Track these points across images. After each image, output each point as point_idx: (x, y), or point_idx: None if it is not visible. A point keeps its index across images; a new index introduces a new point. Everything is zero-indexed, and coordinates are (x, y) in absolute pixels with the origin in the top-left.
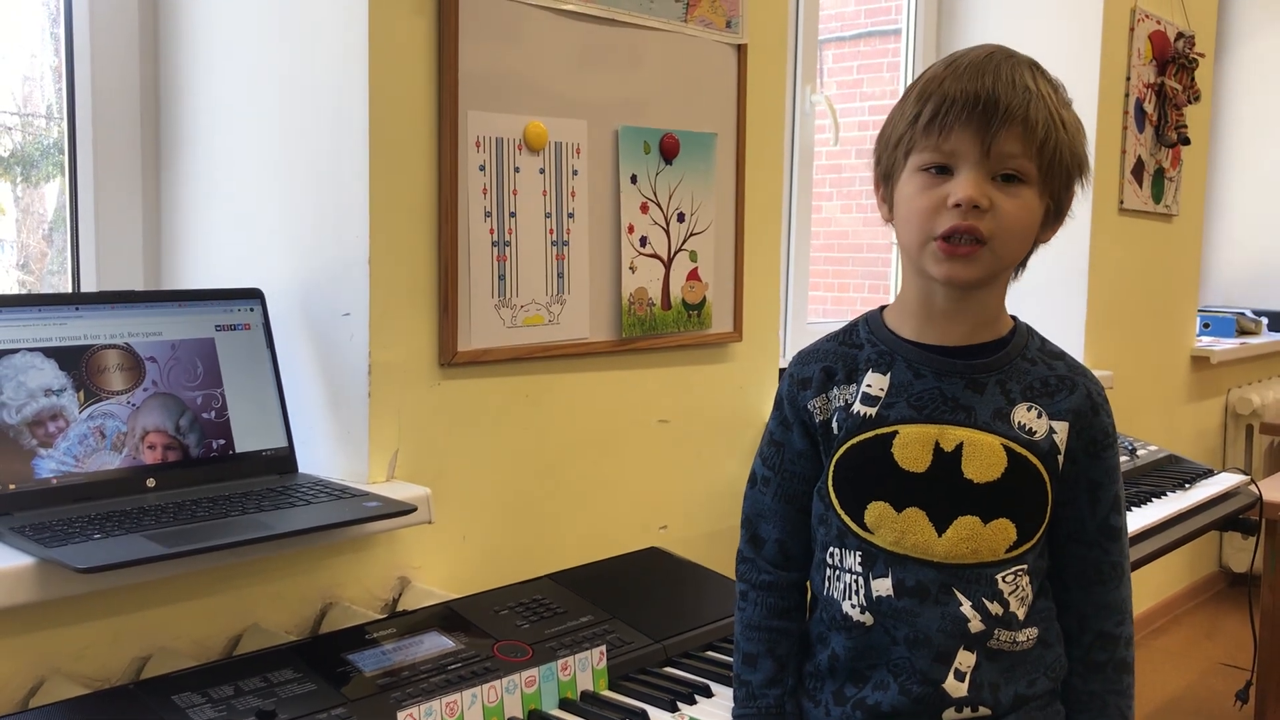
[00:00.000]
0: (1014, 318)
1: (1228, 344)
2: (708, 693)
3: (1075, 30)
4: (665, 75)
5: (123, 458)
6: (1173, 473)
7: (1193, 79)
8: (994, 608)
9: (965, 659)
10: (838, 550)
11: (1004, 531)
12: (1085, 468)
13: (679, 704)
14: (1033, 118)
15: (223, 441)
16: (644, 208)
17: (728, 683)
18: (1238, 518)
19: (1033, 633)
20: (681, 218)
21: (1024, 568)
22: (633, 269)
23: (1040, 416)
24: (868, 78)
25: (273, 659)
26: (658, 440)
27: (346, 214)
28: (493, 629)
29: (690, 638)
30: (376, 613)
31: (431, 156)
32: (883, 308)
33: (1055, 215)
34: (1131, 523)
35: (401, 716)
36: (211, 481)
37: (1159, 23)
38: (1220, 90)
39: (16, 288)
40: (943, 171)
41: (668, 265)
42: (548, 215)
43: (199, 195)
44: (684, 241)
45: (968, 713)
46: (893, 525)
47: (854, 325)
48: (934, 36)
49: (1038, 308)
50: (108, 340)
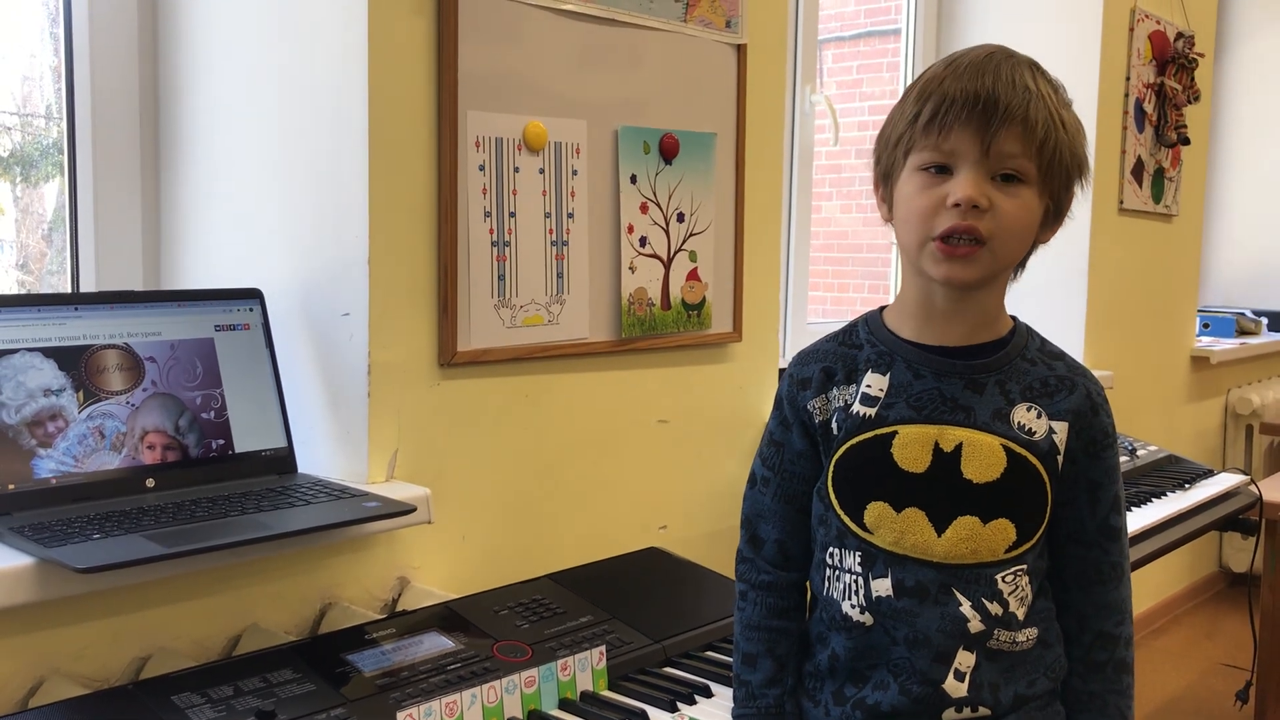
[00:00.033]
0: (1014, 318)
1: (1227, 344)
2: (707, 693)
3: (1075, 30)
4: (665, 75)
5: (122, 458)
6: (1173, 473)
7: (1192, 79)
8: (993, 608)
9: (965, 659)
10: (837, 550)
11: (1003, 532)
12: (1085, 468)
13: (679, 704)
14: (1032, 118)
15: (222, 441)
16: (644, 208)
17: (727, 683)
18: (1237, 518)
19: (1032, 633)
20: (681, 218)
21: (1023, 568)
22: (632, 269)
23: (1040, 417)
24: (867, 78)
25: (272, 659)
26: (657, 440)
27: (346, 214)
28: (492, 629)
29: (690, 638)
30: (376, 613)
31: (431, 156)
32: (882, 308)
33: (1055, 216)
34: (1131, 523)
35: (401, 717)
36: (211, 481)
37: (1159, 23)
38: (1220, 90)
39: (16, 288)
40: (942, 171)
41: (667, 265)
42: (547, 215)
43: (198, 195)
44: (683, 241)
45: (967, 713)
46: (892, 525)
47: (853, 325)
48: (934, 37)
49: (1037, 308)
50: (107, 340)
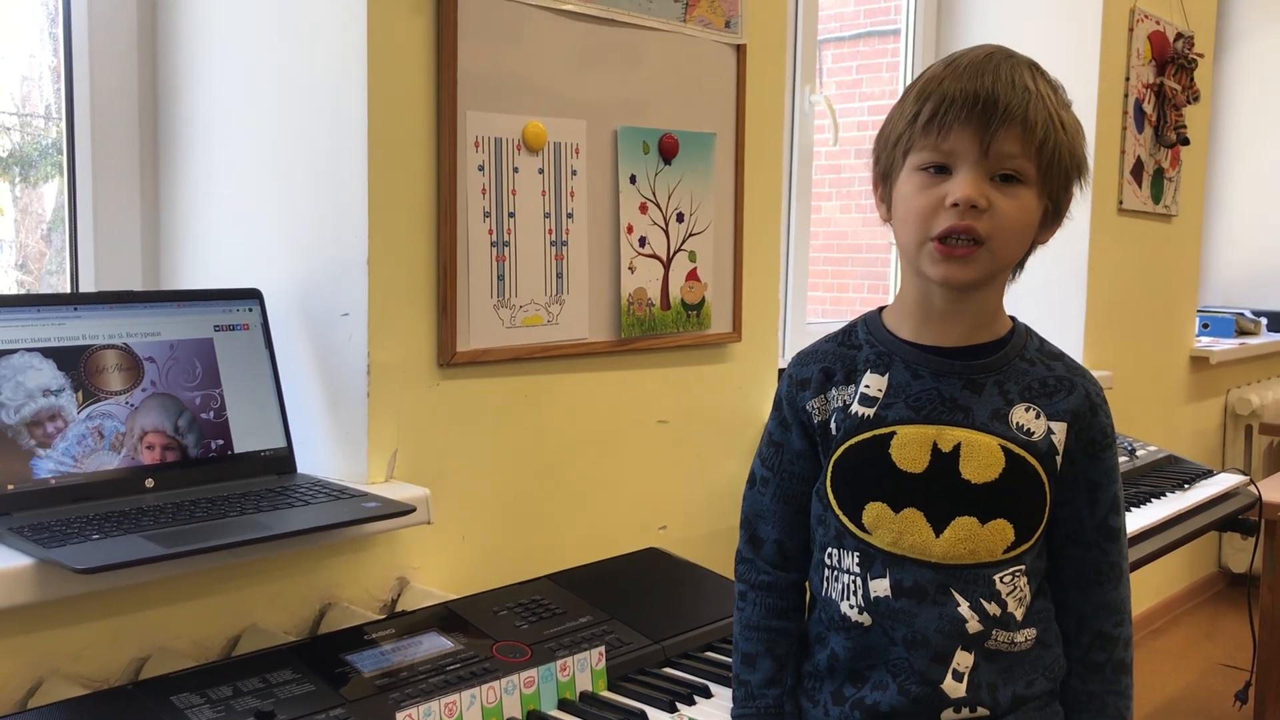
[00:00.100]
0: (1013, 318)
1: (1227, 344)
2: (707, 693)
3: (1074, 30)
4: (664, 75)
5: (121, 458)
6: (1172, 473)
7: (1192, 79)
8: (992, 608)
9: (963, 659)
10: (836, 551)
11: (1002, 532)
12: (1084, 468)
13: (678, 704)
14: (1032, 118)
15: (221, 442)
16: (643, 208)
17: (727, 683)
18: (1237, 518)
19: (1031, 633)
20: (680, 218)
21: (1022, 568)
22: (632, 269)
23: (1038, 417)
24: (867, 78)
25: (271, 659)
26: (657, 441)
27: (345, 214)
28: (492, 629)
29: (689, 638)
30: (375, 613)
31: (430, 157)
32: (881, 308)
33: (1054, 216)
34: (1131, 523)
35: (400, 717)
36: (210, 482)
37: (1158, 23)
38: (1219, 91)
39: (15, 288)
40: (941, 171)
41: (667, 265)
42: (547, 215)
43: (197, 195)
44: (683, 242)
45: (966, 713)
46: (890, 526)
47: (853, 326)
48: (933, 37)
49: (1037, 308)
50: (106, 340)
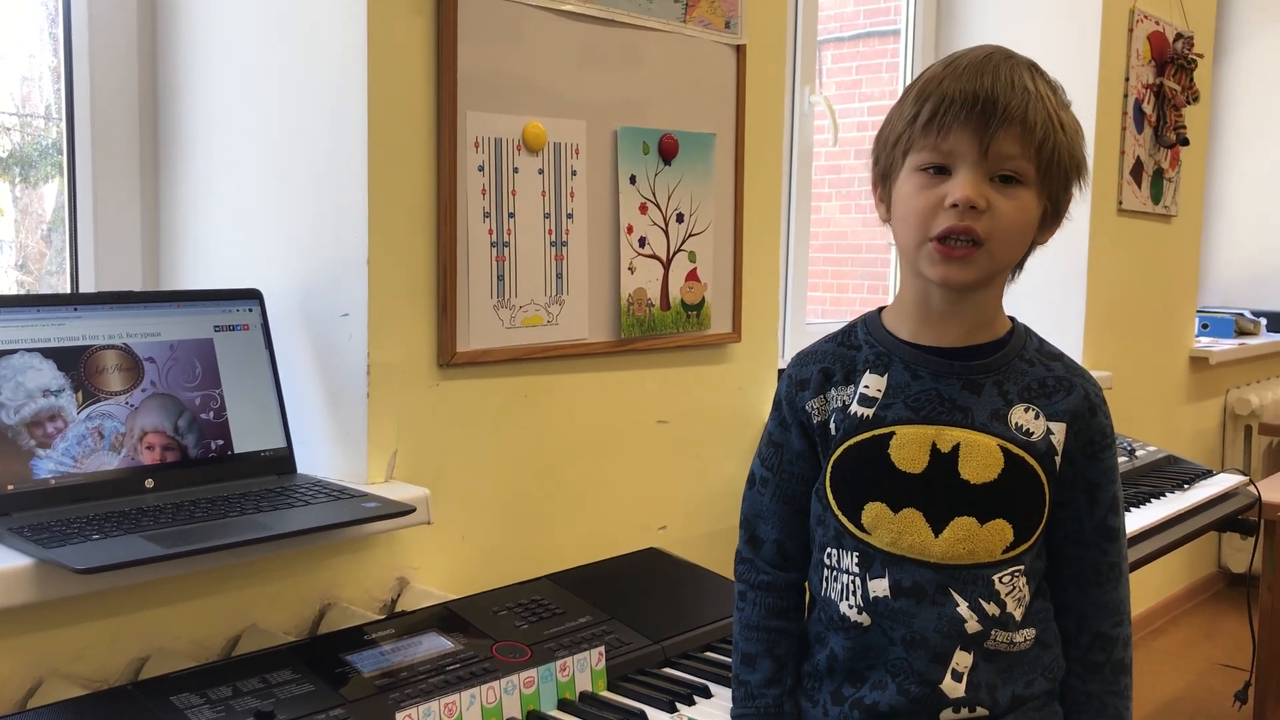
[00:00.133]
0: (1012, 319)
1: (1226, 345)
2: (706, 693)
3: (1074, 31)
4: (664, 76)
5: (121, 458)
6: (1172, 473)
7: (1191, 80)
8: (991, 608)
9: (962, 659)
10: (835, 551)
11: (1001, 532)
12: (1083, 469)
13: (678, 705)
14: (1031, 119)
15: (221, 442)
16: (643, 208)
17: (726, 683)
18: (1236, 518)
19: (1030, 633)
20: (680, 218)
21: (1021, 568)
22: (631, 269)
23: (1038, 418)
24: (866, 78)
25: (271, 660)
26: (657, 441)
27: (345, 214)
28: (491, 630)
29: (689, 638)
30: (375, 613)
31: (430, 157)
32: (881, 309)
33: (1053, 217)
34: (1130, 523)
35: (400, 717)
36: (210, 482)
37: (1158, 23)
38: (1219, 91)
39: (15, 288)
40: (941, 172)
41: (666, 266)
42: (546, 216)
43: (197, 195)
44: (683, 242)
45: (965, 713)
46: (889, 526)
47: (852, 326)
48: (933, 37)
49: (1036, 308)
50: (106, 341)
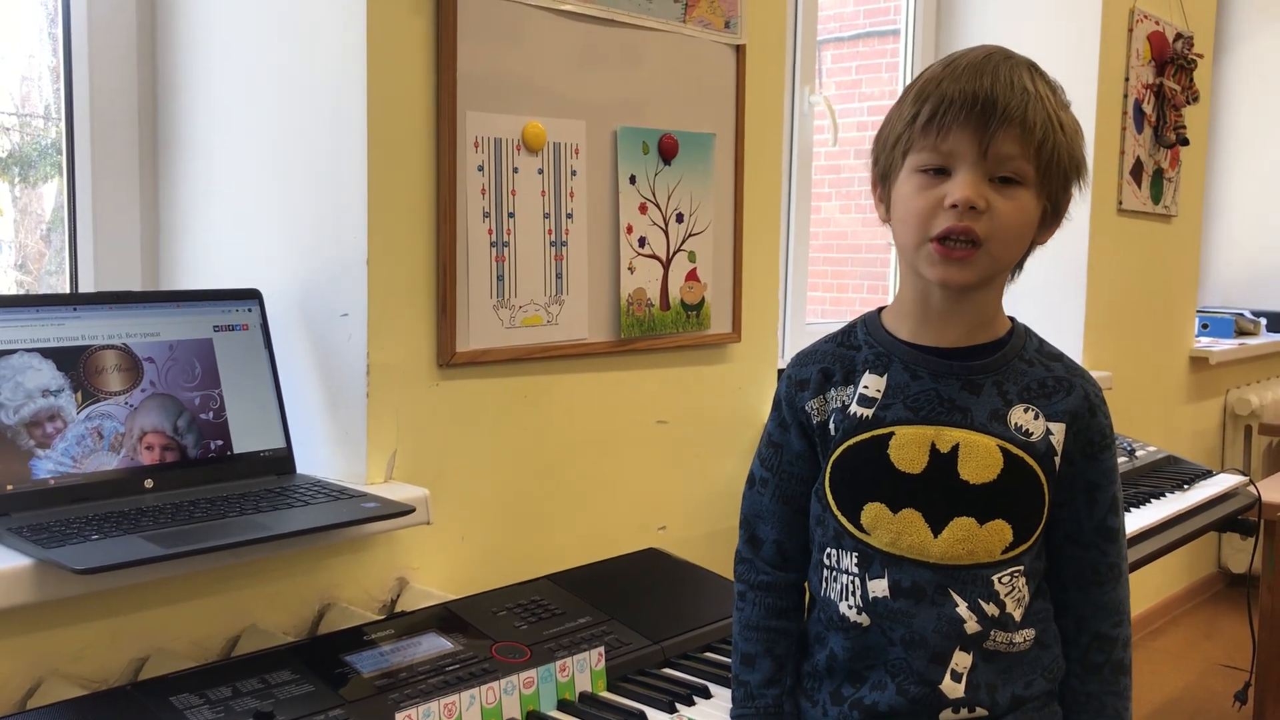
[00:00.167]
0: (1012, 319)
1: (1226, 345)
2: (706, 694)
3: (1074, 31)
4: (664, 76)
5: (120, 458)
6: (1171, 473)
7: (1191, 80)
8: (990, 609)
9: (961, 660)
10: (835, 551)
11: (1000, 533)
12: (1082, 469)
13: (677, 705)
14: (1031, 119)
15: (220, 442)
16: (643, 208)
17: (726, 684)
18: (1236, 518)
19: (1029, 634)
20: (680, 218)
21: (1020, 569)
22: (631, 270)
23: (1037, 418)
24: (866, 78)
25: (271, 660)
26: (656, 441)
27: (345, 214)
28: (491, 630)
29: (689, 639)
30: (374, 614)
31: (430, 157)
32: (881, 309)
33: (1052, 217)
34: (1130, 523)
35: (399, 718)
36: (209, 482)
37: (1158, 23)
38: (1219, 91)
39: (14, 288)
40: (940, 173)
41: (666, 266)
42: (546, 216)
43: (197, 195)
44: (683, 242)
45: (965, 713)
46: (889, 526)
47: (852, 327)
48: (933, 37)
49: (1036, 309)
50: (105, 341)
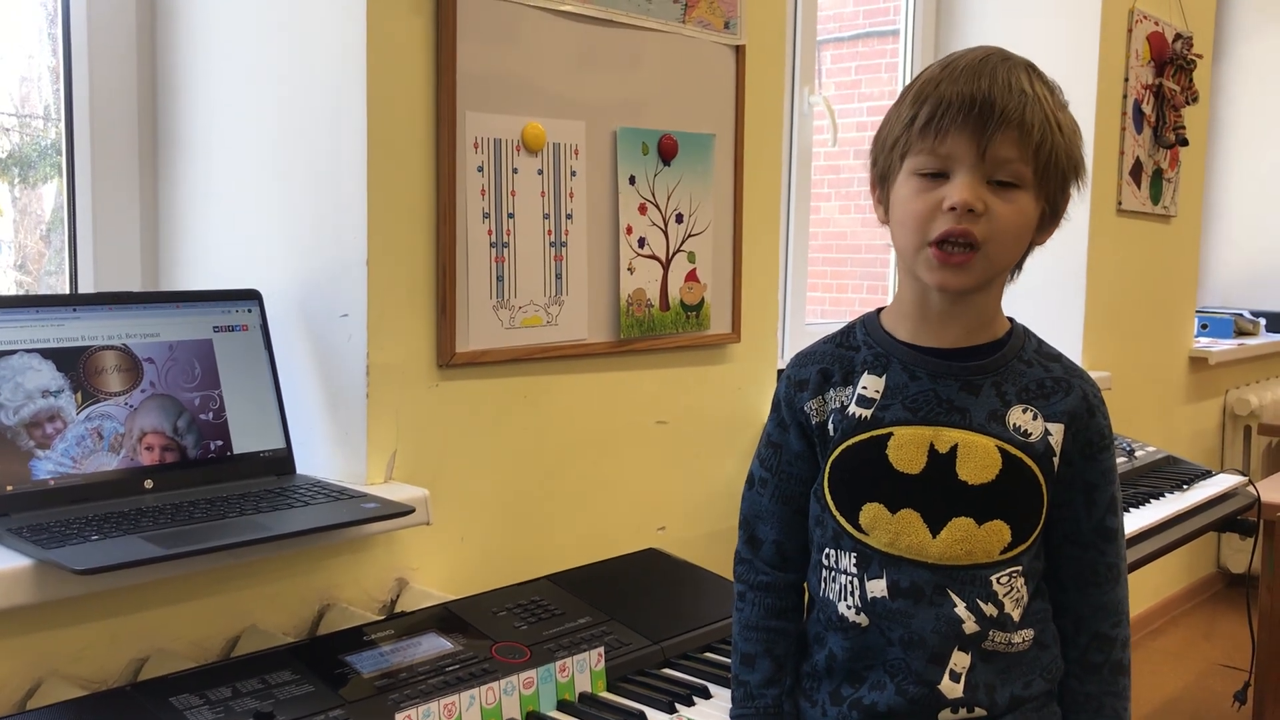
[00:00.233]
0: (1011, 319)
1: (1226, 345)
2: (706, 694)
3: (1073, 31)
4: (663, 76)
5: (120, 459)
6: (1171, 474)
7: (1191, 80)
8: (988, 609)
9: (960, 660)
10: (833, 551)
11: (998, 533)
12: (1081, 469)
13: (677, 705)
14: (1029, 121)
15: (220, 443)
16: (642, 209)
17: (726, 684)
18: (1236, 518)
19: (1028, 634)
20: (680, 219)
21: (1019, 569)
22: (631, 270)
23: (1035, 418)
24: (866, 78)
25: (271, 660)
26: (656, 441)
27: (344, 215)
28: (491, 630)
29: (688, 639)
30: (374, 614)
31: (429, 157)
32: (880, 310)
33: (1051, 217)
34: (1130, 524)
35: (399, 718)
36: (209, 483)
37: (1157, 24)
38: (1218, 92)
39: (14, 288)
40: (938, 176)
41: (666, 266)
42: (546, 216)
43: (197, 196)
44: (682, 242)
45: (963, 713)
46: (887, 527)
47: (851, 327)
48: (932, 37)
49: (1035, 309)
50: (105, 341)
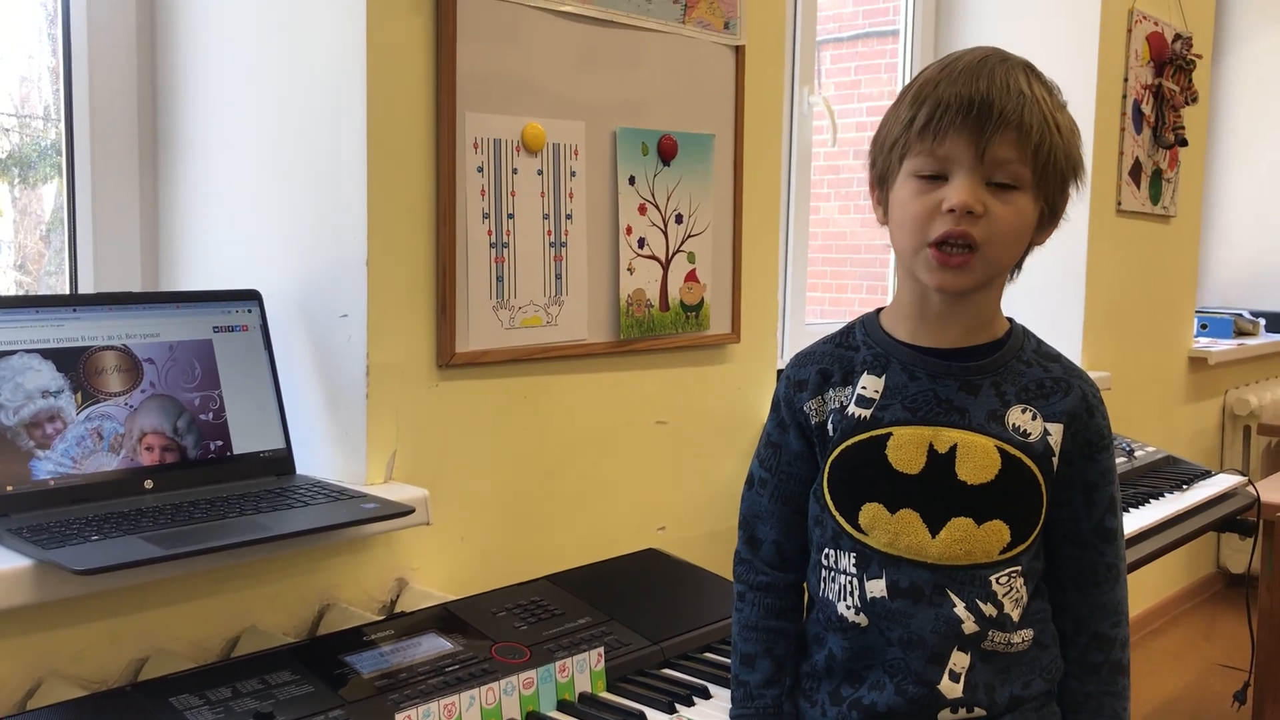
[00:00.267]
0: (1011, 320)
1: (1225, 345)
2: (706, 694)
3: (1073, 31)
4: (663, 76)
5: (120, 459)
6: (1170, 474)
7: (1190, 80)
8: (988, 609)
9: (959, 660)
10: (833, 551)
11: (998, 533)
12: (1080, 469)
13: (677, 705)
14: (1027, 122)
15: (220, 443)
16: (642, 209)
17: (726, 684)
18: (1235, 519)
19: (1028, 634)
20: (679, 219)
21: (1018, 569)
22: (631, 270)
23: (1035, 418)
24: (865, 79)
25: (270, 661)
26: (656, 441)
27: (344, 215)
28: (491, 630)
29: (688, 639)
30: (374, 614)
31: (429, 158)
32: (879, 310)
33: (1050, 218)
34: (1129, 524)
35: (399, 718)
36: (209, 483)
37: (1156, 24)
38: (1218, 92)
39: (14, 289)
40: (937, 178)
41: (665, 266)
42: (546, 217)
43: (196, 196)
44: (682, 243)
45: (963, 713)
46: (887, 527)
47: (850, 328)
48: (931, 37)
49: (1035, 309)
50: (105, 342)
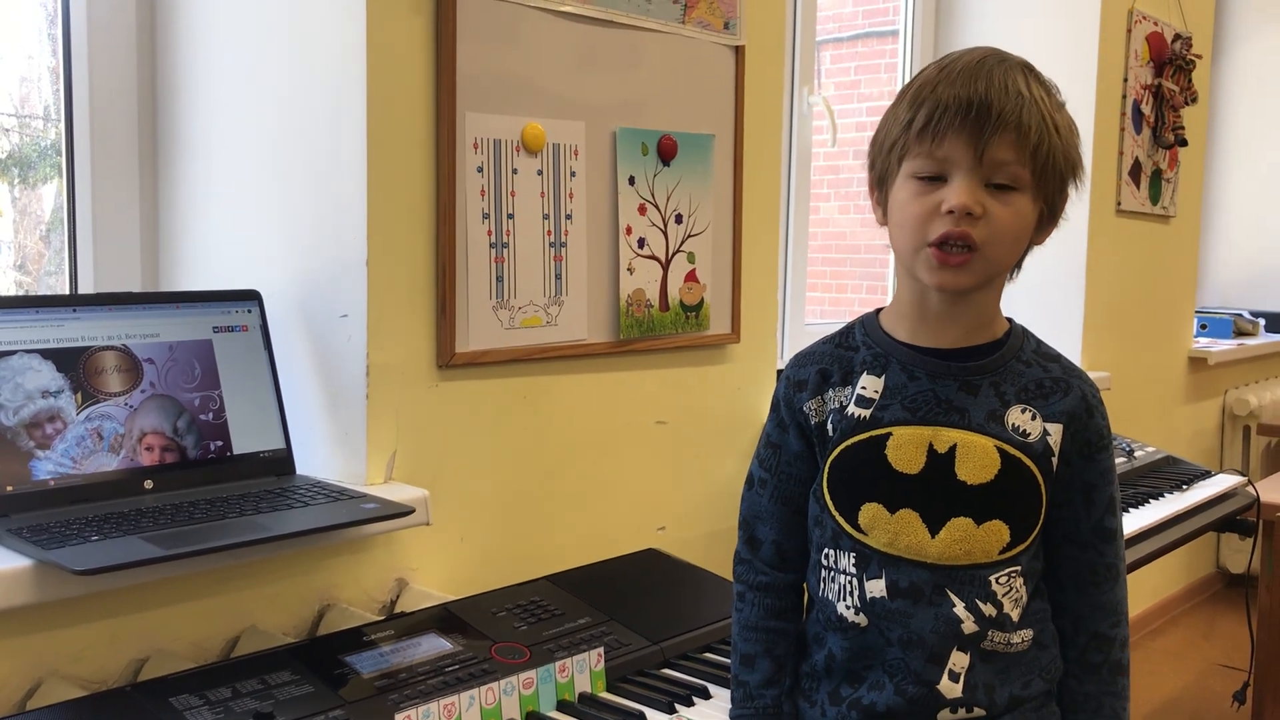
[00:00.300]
0: (1010, 320)
1: (1225, 345)
2: (705, 694)
3: (1072, 31)
4: (663, 77)
5: (120, 459)
6: (1170, 474)
7: (1190, 80)
8: (987, 609)
9: (959, 660)
10: (832, 552)
11: (997, 533)
12: (1080, 470)
13: (677, 706)
14: (1026, 123)
15: (220, 443)
16: (642, 209)
17: (725, 684)
18: (1235, 519)
19: (1027, 634)
20: (679, 219)
21: (1018, 569)
22: (630, 270)
23: (1034, 418)
24: (865, 79)
25: (270, 661)
26: (655, 441)
27: (344, 215)
28: (490, 631)
29: (688, 639)
30: (374, 614)
31: (429, 158)
32: (879, 310)
33: (1049, 218)
34: (1129, 524)
35: (399, 718)
36: (209, 483)
37: (1156, 24)
38: (1217, 92)
39: (14, 289)
40: (936, 179)
41: (665, 266)
42: (545, 217)
43: (196, 196)
44: (682, 243)
45: (962, 713)
46: (886, 527)
47: (850, 328)
48: (931, 37)
49: (1034, 309)
50: (105, 342)
